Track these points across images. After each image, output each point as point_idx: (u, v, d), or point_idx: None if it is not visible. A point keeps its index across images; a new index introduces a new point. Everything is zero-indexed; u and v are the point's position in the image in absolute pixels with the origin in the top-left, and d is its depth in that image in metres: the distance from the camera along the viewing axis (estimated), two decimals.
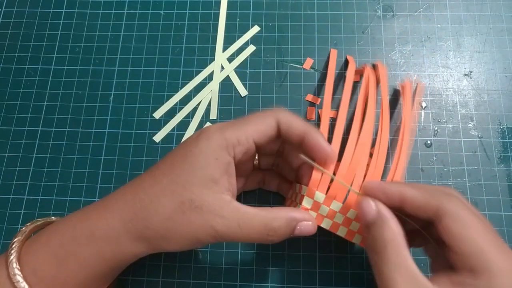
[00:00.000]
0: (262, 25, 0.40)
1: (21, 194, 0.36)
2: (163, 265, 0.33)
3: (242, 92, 0.38)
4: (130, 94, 0.38)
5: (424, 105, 0.37)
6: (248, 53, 0.39)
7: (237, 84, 0.38)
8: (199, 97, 0.38)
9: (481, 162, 0.35)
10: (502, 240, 0.23)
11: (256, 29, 0.40)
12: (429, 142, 0.36)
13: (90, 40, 0.41)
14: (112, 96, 0.38)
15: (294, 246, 0.33)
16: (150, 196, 0.25)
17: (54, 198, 0.35)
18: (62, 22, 0.41)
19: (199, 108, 0.38)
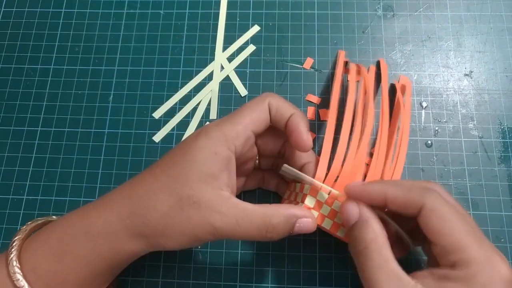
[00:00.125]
0: (262, 24, 0.40)
1: (20, 194, 0.36)
2: (163, 265, 0.33)
3: (242, 92, 0.38)
4: (129, 94, 0.38)
5: (424, 105, 0.37)
6: (248, 52, 0.39)
7: (237, 84, 0.38)
8: (199, 97, 0.38)
9: (481, 162, 0.35)
10: (480, 231, 0.24)
11: (256, 28, 0.40)
12: (429, 142, 0.36)
13: (89, 39, 0.40)
14: (111, 96, 0.38)
15: (294, 246, 0.33)
16: (149, 192, 0.25)
17: (53, 198, 0.35)
18: (61, 21, 0.41)
19: (199, 108, 0.38)
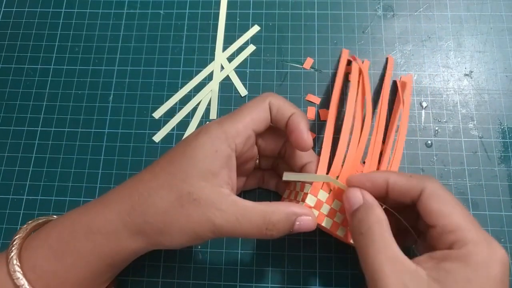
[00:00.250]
0: (262, 24, 0.40)
1: (20, 194, 0.36)
2: (163, 265, 0.33)
3: (242, 92, 0.38)
4: (129, 94, 0.38)
5: (424, 105, 0.37)
6: (248, 52, 0.39)
7: (237, 84, 0.38)
8: (199, 97, 0.38)
9: (481, 162, 0.35)
10: (474, 218, 0.24)
11: (256, 28, 0.40)
12: (429, 142, 0.36)
13: (89, 39, 0.40)
14: (111, 96, 0.38)
15: (294, 246, 0.33)
16: (149, 190, 0.25)
17: (53, 198, 0.35)
18: (61, 21, 0.41)
19: (199, 108, 0.38)
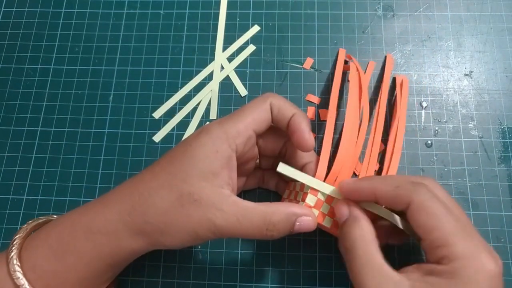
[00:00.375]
0: (262, 24, 0.40)
1: (20, 194, 0.36)
2: (163, 265, 0.33)
3: (242, 92, 0.38)
4: (129, 94, 0.38)
5: (424, 105, 0.37)
6: (248, 52, 0.39)
7: (237, 84, 0.38)
8: (199, 97, 0.38)
9: (481, 162, 0.35)
10: (471, 226, 0.24)
11: (256, 28, 0.40)
12: (429, 142, 0.36)
13: (89, 39, 0.40)
14: (111, 96, 0.38)
15: (294, 246, 0.33)
16: (149, 190, 0.25)
17: (53, 198, 0.35)
18: (61, 21, 0.41)
19: (199, 108, 0.38)
